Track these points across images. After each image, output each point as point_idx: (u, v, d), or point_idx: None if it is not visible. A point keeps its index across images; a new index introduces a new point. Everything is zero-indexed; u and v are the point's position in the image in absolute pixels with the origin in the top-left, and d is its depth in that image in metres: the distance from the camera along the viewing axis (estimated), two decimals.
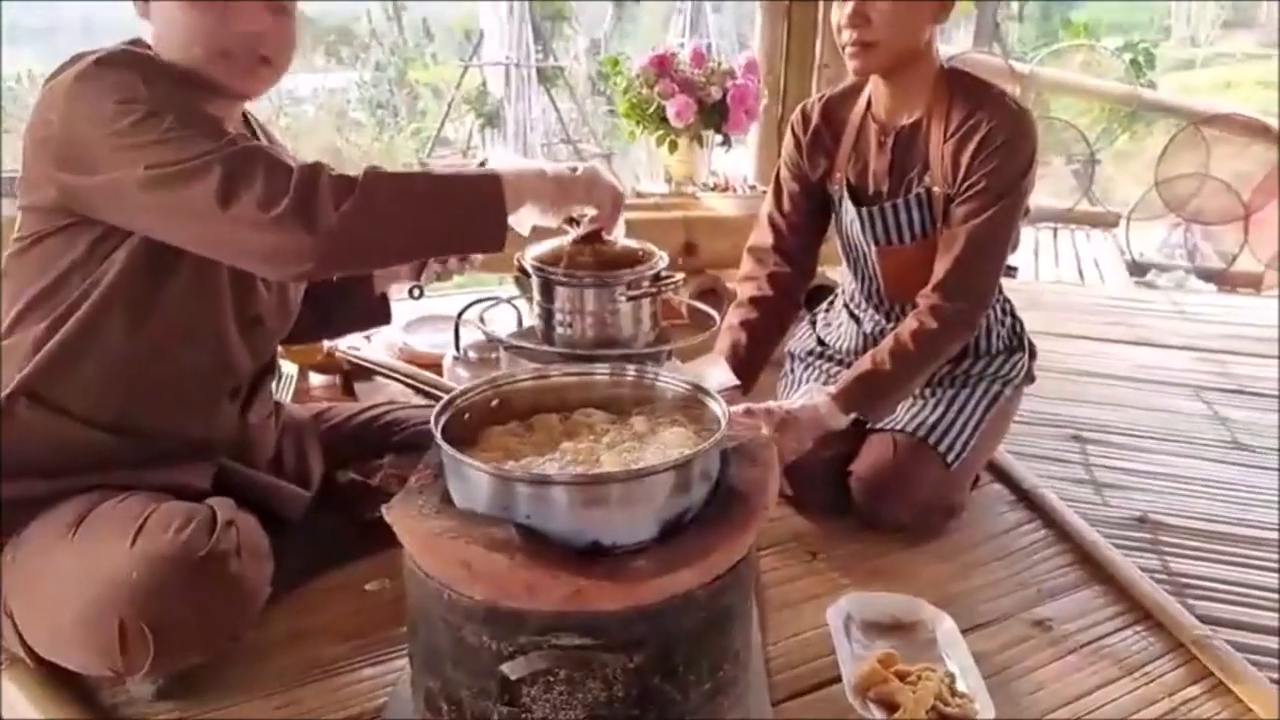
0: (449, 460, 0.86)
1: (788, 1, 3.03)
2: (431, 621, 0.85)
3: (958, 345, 1.55)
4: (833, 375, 1.66)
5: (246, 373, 1.21)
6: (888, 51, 1.44)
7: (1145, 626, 1.33)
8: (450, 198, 1.01)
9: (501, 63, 10.09)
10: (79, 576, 0.97)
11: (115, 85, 0.98)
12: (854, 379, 1.48)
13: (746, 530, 0.87)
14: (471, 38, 11.15)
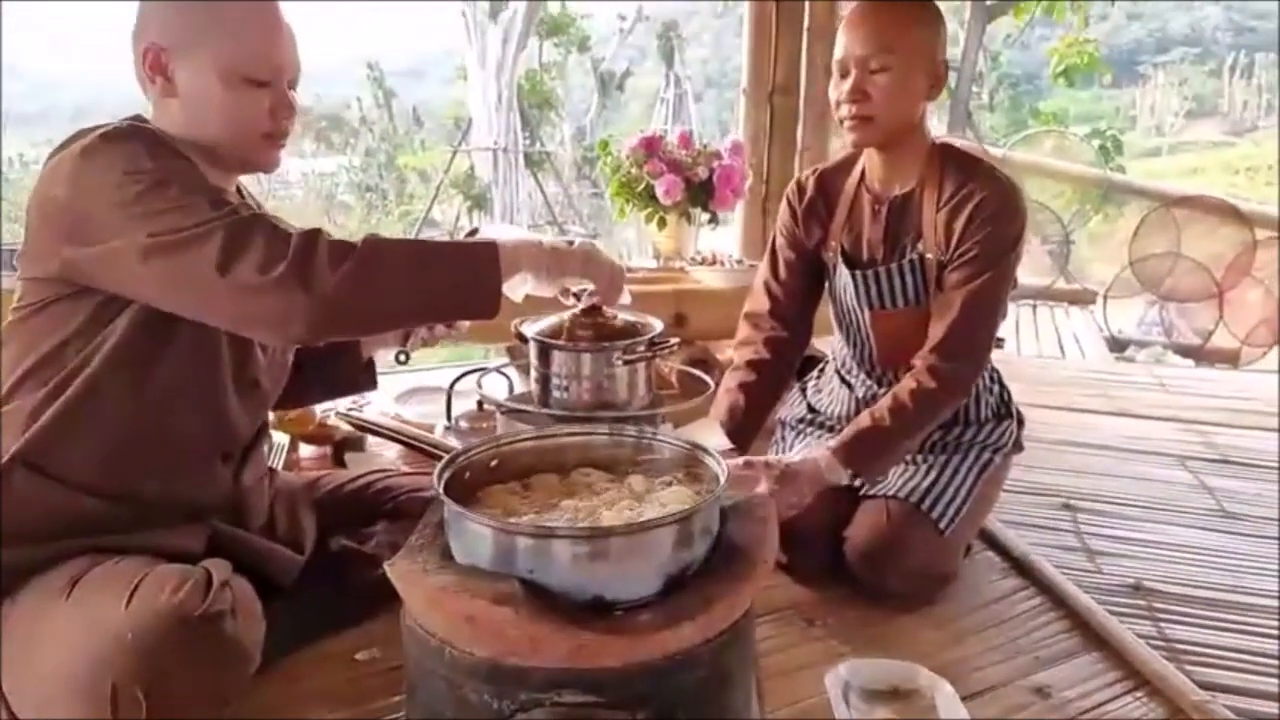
0: (451, 516, 0.87)
1: (770, 91, 3.19)
2: (432, 681, 0.85)
3: (954, 405, 1.59)
4: (825, 442, 1.68)
5: (242, 437, 1.23)
6: (885, 125, 1.53)
7: (1144, 692, 1.32)
8: (447, 264, 1.05)
9: (490, 148, 10.40)
10: (72, 638, 0.96)
11: (121, 157, 1.02)
12: (853, 435, 1.51)
13: (748, 583, 0.88)
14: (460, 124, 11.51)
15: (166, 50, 1.12)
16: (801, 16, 3.11)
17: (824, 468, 1.47)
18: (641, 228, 2.75)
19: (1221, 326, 4.98)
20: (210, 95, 1.12)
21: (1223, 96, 23.70)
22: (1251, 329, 4.75)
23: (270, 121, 1.15)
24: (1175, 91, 23.11)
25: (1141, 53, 27.76)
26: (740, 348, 1.75)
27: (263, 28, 1.15)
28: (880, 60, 1.49)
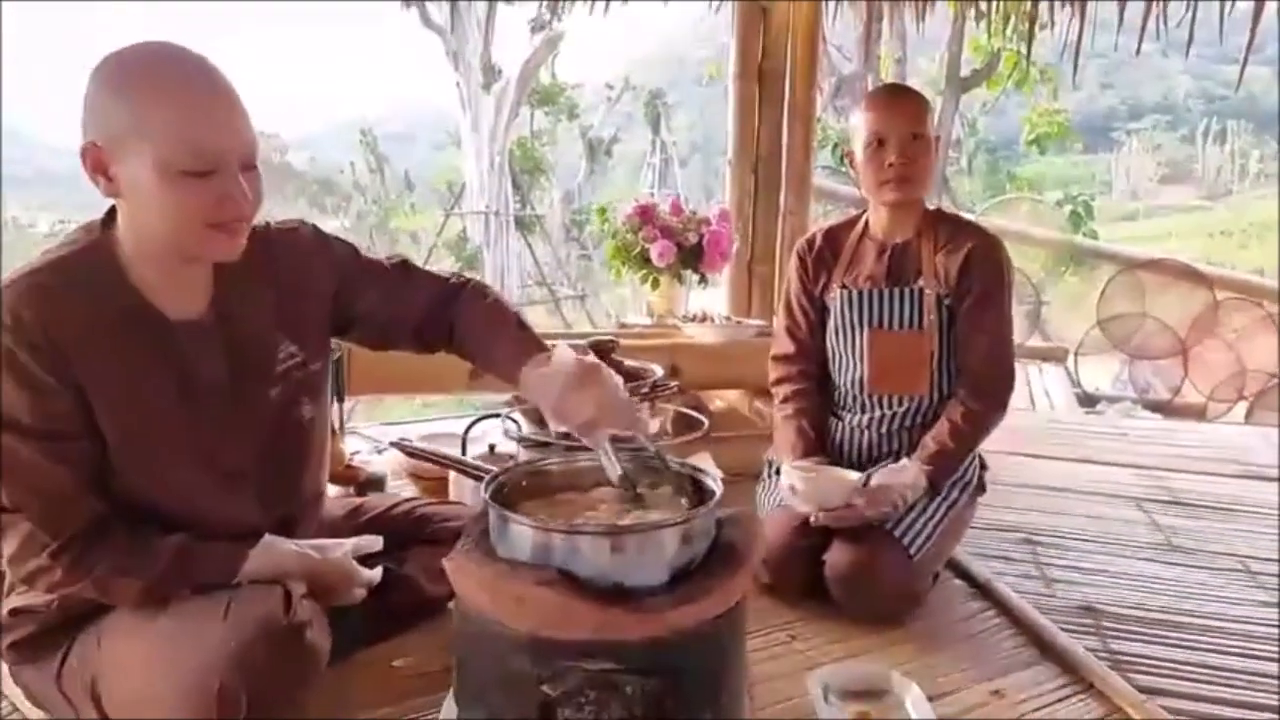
0: (496, 519, 1.08)
1: (754, 162, 3.48)
2: (481, 654, 1.04)
3: (999, 419, 1.88)
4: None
5: (271, 514, 1.32)
6: (921, 181, 1.88)
7: (1089, 695, 1.51)
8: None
9: (482, 211, 10.78)
10: (177, 649, 1.13)
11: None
12: (931, 455, 1.81)
13: (740, 576, 1.09)
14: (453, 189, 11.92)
15: (103, 149, 1.12)
16: (782, 95, 3.42)
17: (914, 477, 1.76)
18: (636, 288, 3.00)
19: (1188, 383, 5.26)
20: (149, 191, 1.11)
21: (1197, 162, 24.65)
22: (1216, 385, 5.03)
23: (216, 211, 1.14)
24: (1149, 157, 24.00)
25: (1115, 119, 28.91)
26: (778, 385, 2.06)
27: (197, 114, 1.12)
28: (916, 130, 1.83)
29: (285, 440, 1.35)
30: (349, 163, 14.79)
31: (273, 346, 1.32)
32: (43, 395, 1.11)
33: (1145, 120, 28.39)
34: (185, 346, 1.23)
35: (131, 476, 1.19)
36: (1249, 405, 5.07)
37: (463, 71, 10.80)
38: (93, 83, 1.14)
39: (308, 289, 1.36)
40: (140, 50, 1.15)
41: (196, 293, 1.25)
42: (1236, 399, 5.09)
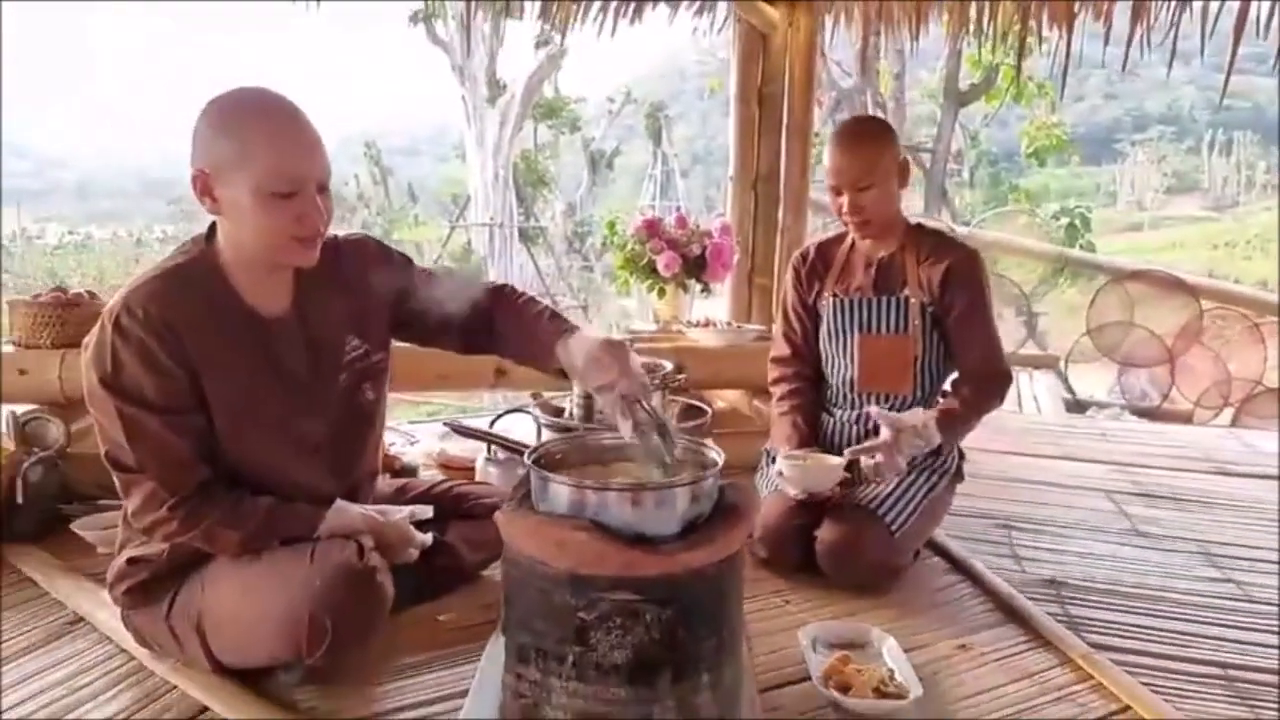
0: (538, 480, 1.33)
1: (754, 179, 3.75)
2: (527, 590, 1.29)
3: (1000, 397, 2.14)
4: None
5: (340, 483, 1.58)
6: (880, 222, 2.13)
7: (1044, 649, 1.76)
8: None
9: (486, 224, 11.07)
10: (271, 589, 1.39)
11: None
12: (940, 411, 2.05)
13: (739, 529, 1.33)
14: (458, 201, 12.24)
15: (209, 175, 1.38)
16: (781, 117, 3.69)
17: (920, 429, 1.98)
18: (643, 296, 3.25)
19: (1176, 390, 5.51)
20: (248, 212, 1.37)
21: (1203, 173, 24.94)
22: (1203, 392, 5.28)
23: (300, 227, 1.40)
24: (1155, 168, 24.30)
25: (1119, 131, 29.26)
26: (776, 384, 2.32)
27: (284, 147, 1.37)
28: (865, 182, 2.08)
29: (351, 420, 1.61)
30: (353, 175, 15.12)
31: (342, 340, 1.58)
32: (165, 377, 1.37)
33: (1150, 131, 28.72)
34: (273, 339, 1.49)
35: (231, 447, 1.45)
36: (1235, 411, 5.31)
37: (468, 86, 11.12)
38: (201, 121, 1.40)
39: (371, 292, 1.62)
40: (239, 94, 1.42)
41: (281, 294, 1.52)
42: (1222, 405, 5.33)
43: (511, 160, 11.76)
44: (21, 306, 2.34)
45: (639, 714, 1.27)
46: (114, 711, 1.43)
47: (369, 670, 1.55)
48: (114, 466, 1.41)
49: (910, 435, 1.98)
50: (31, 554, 2.02)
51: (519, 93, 11.35)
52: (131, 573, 1.50)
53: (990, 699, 1.57)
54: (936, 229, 2.25)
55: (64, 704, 1.45)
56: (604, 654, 1.25)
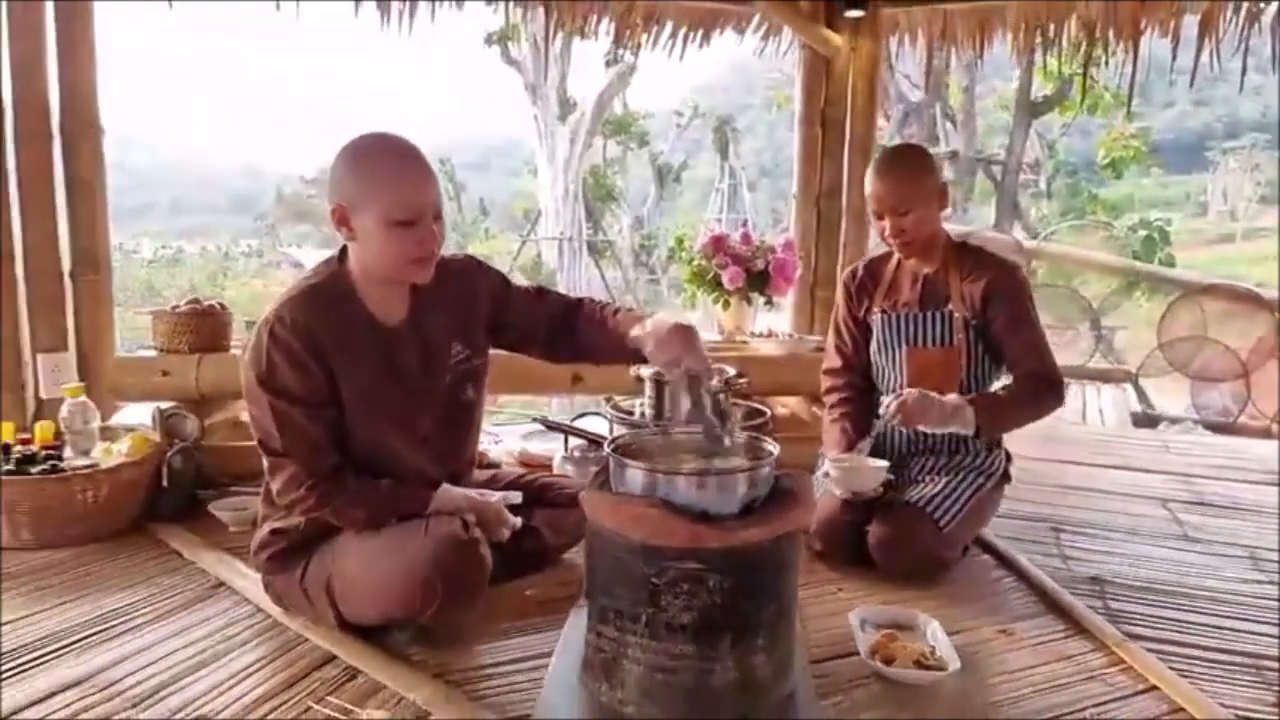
0: (617, 465, 1.55)
1: (817, 196, 3.93)
2: (607, 560, 1.52)
3: (1053, 399, 2.25)
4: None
5: (437, 471, 1.82)
6: (921, 243, 2.31)
7: (1080, 636, 1.90)
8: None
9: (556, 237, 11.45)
10: (392, 558, 1.65)
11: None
12: (980, 397, 2.20)
13: (793, 511, 1.53)
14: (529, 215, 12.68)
15: (345, 208, 1.64)
16: (843, 137, 3.87)
17: (959, 406, 2.12)
18: (709, 309, 3.46)
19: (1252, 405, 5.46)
20: (376, 238, 1.64)
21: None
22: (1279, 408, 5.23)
23: (419, 250, 1.66)
24: (1248, 177, 23.38)
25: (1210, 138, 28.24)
26: (828, 394, 2.51)
27: (407, 182, 1.63)
28: (904, 207, 2.25)
29: (455, 415, 1.88)
30: None
31: (448, 346, 1.84)
32: (308, 376, 1.64)
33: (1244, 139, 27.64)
34: (392, 344, 1.76)
35: (357, 436, 1.72)
36: None
37: (540, 104, 11.53)
38: (336, 163, 1.68)
39: (472, 304, 1.88)
40: (368, 139, 1.70)
41: (399, 306, 1.78)
42: None
43: (581, 175, 12.12)
44: (163, 316, 2.69)
45: (702, 670, 1.48)
46: (257, 657, 1.71)
47: (469, 631, 1.79)
48: (264, 451, 1.70)
49: (939, 404, 2.11)
50: (176, 531, 2.34)
51: (589, 110, 11.71)
52: (273, 542, 1.78)
53: (1025, 675, 1.73)
54: (977, 247, 2.41)
55: (215, 651, 1.73)
56: (673, 615, 1.47)
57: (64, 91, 2.70)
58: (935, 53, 4.90)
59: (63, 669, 1.65)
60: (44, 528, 2.21)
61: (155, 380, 2.63)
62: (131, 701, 1.54)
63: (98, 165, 2.78)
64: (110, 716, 1.49)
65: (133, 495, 2.36)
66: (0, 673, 1.63)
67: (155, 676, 1.63)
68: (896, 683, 1.67)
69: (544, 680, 1.62)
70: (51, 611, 1.89)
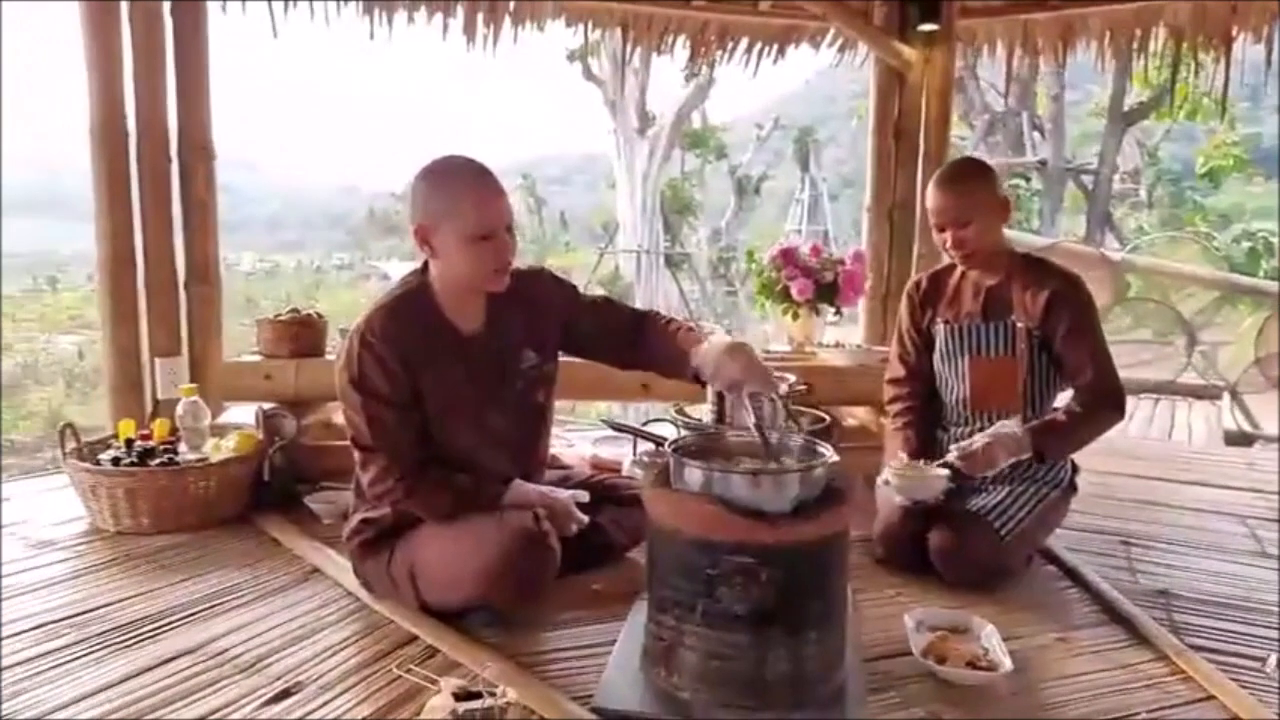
0: (677, 464, 1.67)
1: (890, 208, 3.98)
2: (666, 553, 1.63)
3: (1114, 416, 2.27)
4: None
5: (511, 467, 1.97)
6: (981, 254, 2.35)
7: (1141, 646, 1.92)
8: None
9: (634, 250, 11.64)
10: (470, 547, 1.80)
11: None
12: (1039, 424, 2.25)
13: (842, 511, 1.62)
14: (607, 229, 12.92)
15: (426, 228, 1.80)
16: (916, 149, 3.91)
17: (1017, 437, 2.18)
18: (778, 320, 3.55)
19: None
20: (455, 252, 1.80)
21: None
22: None
23: (495, 261, 1.83)
24: None
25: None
26: (891, 403, 2.57)
27: (483, 200, 1.78)
28: (964, 219, 2.31)
29: (527, 417, 2.02)
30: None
31: (521, 353, 1.99)
32: (393, 378, 1.81)
33: None
34: (470, 351, 1.92)
35: (438, 436, 1.88)
36: None
37: (619, 119, 11.76)
38: (417, 185, 1.85)
39: (544, 313, 2.03)
40: (444, 163, 1.86)
41: (476, 315, 1.94)
42: None
43: (659, 188, 12.30)
44: (267, 324, 2.93)
45: (756, 659, 1.58)
46: (347, 634, 1.88)
47: (539, 619, 1.93)
48: (355, 447, 1.87)
49: (1005, 441, 2.17)
50: (276, 521, 2.56)
51: (668, 123, 11.89)
52: (363, 530, 1.96)
53: (1079, 681, 1.77)
54: (1041, 259, 2.44)
55: (310, 627, 1.91)
56: (727, 606, 1.57)
57: (181, 121, 2.99)
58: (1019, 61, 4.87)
59: (179, 638, 1.85)
60: (161, 515, 2.45)
61: (258, 383, 2.88)
62: (238, 668, 1.73)
63: (210, 187, 3.06)
64: (220, 680, 1.68)
65: (239, 487, 2.59)
66: (126, 639, 1.85)
67: (259, 648, 1.82)
68: (948, 682, 1.73)
69: (606, 664, 1.75)
70: (169, 588, 2.11)
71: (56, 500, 2.70)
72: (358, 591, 2.06)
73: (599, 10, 4.08)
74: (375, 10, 3.61)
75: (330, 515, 2.54)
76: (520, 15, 3.84)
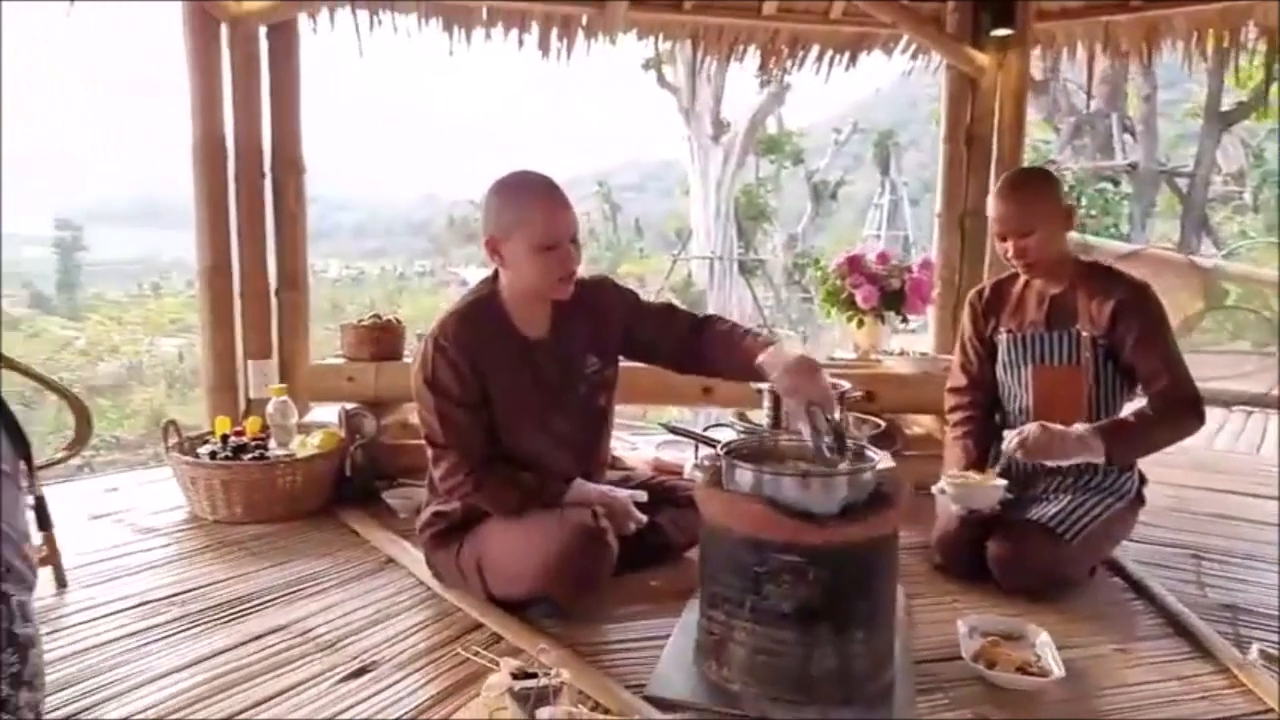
0: (729, 466, 1.74)
1: (961, 214, 3.96)
2: (718, 550, 1.71)
3: (1191, 422, 2.22)
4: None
5: (575, 467, 2.09)
6: (1044, 264, 2.36)
7: (1203, 658, 1.90)
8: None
9: (707, 256, 11.71)
10: (532, 540, 1.91)
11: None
12: (1108, 423, 2.24)
13: (889, 514, 1.67)
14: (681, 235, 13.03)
15: (497, 239, 1.92)
16: (989, 155, 3.89)
17: (1087, 437, 2.17)
18: (844, 325, 3.58)
19: None
20: (524, 262, 1.91)
21: None
22: None
23: (561, 270, 1.94)
24: None
25: None
26: (952, 411, 2.59)
27: (551, 212, 1.90)
28: (1026, 228, 2.31)
29: (588, 419, 2.13)
30: (585, 213, 16.45)
31: (584, 358, 2.10)
32: (465, 380, 1.94)
33: None
34: (536, 356, 2.03)
35: (505, 436, 2.00)
36: None
37: (694, 126, 11.86)
38: (488, 198, 1.97)
39: (606, 320, 2.13)
40: (513, 178, 1.98)
41: (542, 321, 2.06)
42: None
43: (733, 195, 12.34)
44: (349, 329, 3.12)
45: (803, 655, 1.65)
46: (419, 620, 2.02)
47: (598, 613, 2.03)
48: (429, 444, 2.01)
49: (1065, 432, 2.16)
50: (356, 514, 2.73)
51: (742, 130, 11.94)
52: (435, 523, 2.09)
53: (1133, 690, 1.77)
54: (1107, 267, 2.42)
55: (386, 612, 2.06)
56: (775, 603, 1.64)
57: (275, 138, 3.20)
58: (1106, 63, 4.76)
59: (268, 617, 2.02)
60: (253, 505, 2.65)
61: (341, 384, 3.07)
62: (320, 646, 1.88)
63: (300, 199, 3.27)
64: (303, 656, 1.83)
65: (322, 482, 2.77)
66: (221, 617, 2.02)
67: (339, 629, 1.97)
68: (998, 687, 1.76)
69: (660, 656, 1.83)
70: (259, 572, 2.29)
71: (159, 491, 2.94)
72: (429, 581, 2.20)
73: (670, 23, 4.18)
74: (454, 27, 3.79)
75: (405, 510, 2.70)
76: (592, 29, 3.97)
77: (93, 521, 2.70)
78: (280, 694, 1.68)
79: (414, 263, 20.10)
